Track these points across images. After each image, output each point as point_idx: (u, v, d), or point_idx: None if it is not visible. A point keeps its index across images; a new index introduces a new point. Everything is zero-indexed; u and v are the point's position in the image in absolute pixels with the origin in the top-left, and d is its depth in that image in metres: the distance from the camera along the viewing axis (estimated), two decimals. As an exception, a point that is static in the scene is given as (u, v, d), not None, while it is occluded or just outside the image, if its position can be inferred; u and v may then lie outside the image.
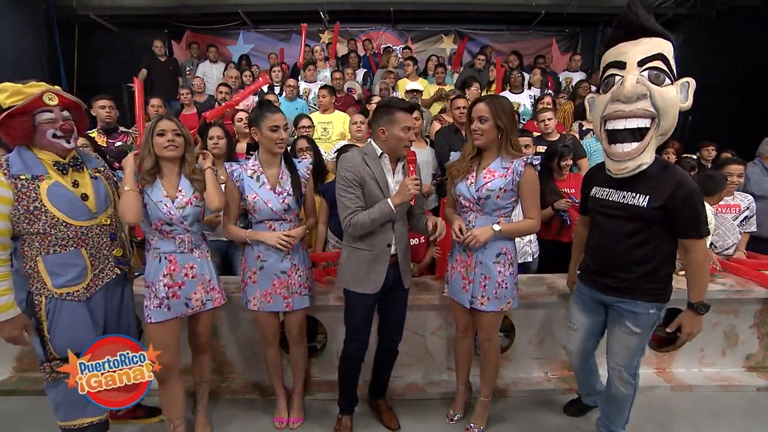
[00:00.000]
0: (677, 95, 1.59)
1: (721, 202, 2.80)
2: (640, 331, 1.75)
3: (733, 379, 2.52)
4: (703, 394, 2.45)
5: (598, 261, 1.83)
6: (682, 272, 2.57)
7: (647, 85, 1.57)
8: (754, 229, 2.90)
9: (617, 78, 1.63)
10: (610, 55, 1.69)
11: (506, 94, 4.91)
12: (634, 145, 1.63)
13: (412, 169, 1.78)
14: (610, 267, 1.77)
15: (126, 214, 1.73)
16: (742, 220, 2.88)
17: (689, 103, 1.60)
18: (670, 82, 1.59)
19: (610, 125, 1.67)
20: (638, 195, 1.65)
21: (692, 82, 1.60)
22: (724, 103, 7.32)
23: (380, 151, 1.86)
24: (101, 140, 3.34)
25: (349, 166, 1.83)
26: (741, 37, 7.02)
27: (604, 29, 7.37)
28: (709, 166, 4.01)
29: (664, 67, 1.58)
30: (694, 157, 4.08)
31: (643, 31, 1.61)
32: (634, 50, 1.60)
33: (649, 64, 1.58)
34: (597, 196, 1.81)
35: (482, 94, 3.97)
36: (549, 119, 3.47)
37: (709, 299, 2.42)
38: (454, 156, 2.06)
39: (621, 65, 1.63)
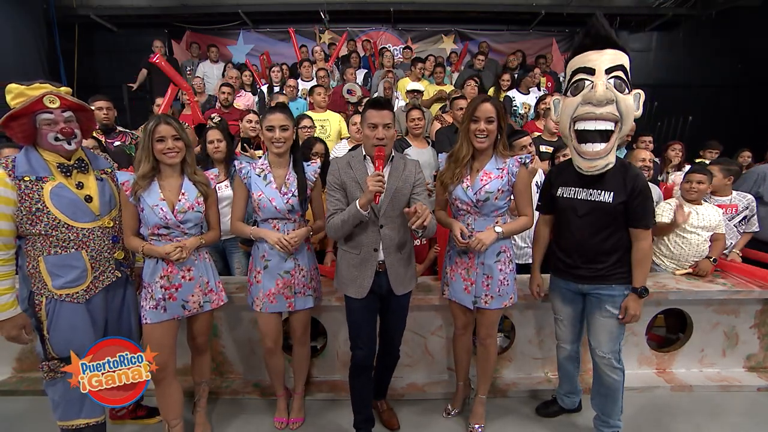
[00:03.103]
0: (633, 104, 1.78)
1: (717, 203, 2.80)
2: (619, 313, 1.89)
3: (733, 379, 2.52)
4: (703, 394, 2.45)
5: (572, 255, 1.95)
6: (679, 272, 2.59)
7: (613, 91, 1.74)
8: (755, 229, 2.88)
9: (587, 83, 1.77)
10: (578, 61, 1.82)
11: (514, 94, 4.90)
12: (603, 145, 1.78)
13: (376, 165, 1.71)
14: (585, 260, 1.91)
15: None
16: (740, 221, 2.86)
17: (640, 111, 1.79)
18: (628, 91, 1.77)
19: (580, 126, 1.81)
20: (604, 192, 1.82)
21: (642, 93, 1.79)
22: (723, 102, 7.33)
23: (364, 153, 1.86)
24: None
25: (333, 169, 1.86)
26: (741, 37, 7.03)
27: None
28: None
29: (625, 78, 1.76)
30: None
31: (607, 42, 1.77)
32: (602, 59, 1.76)
33: (614, 73, 1.75)
34: (564, 195, 1.93)
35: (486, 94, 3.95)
36: None
37: (709, 299, 2.45)
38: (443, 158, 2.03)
39: (590, 71, 1.77)
